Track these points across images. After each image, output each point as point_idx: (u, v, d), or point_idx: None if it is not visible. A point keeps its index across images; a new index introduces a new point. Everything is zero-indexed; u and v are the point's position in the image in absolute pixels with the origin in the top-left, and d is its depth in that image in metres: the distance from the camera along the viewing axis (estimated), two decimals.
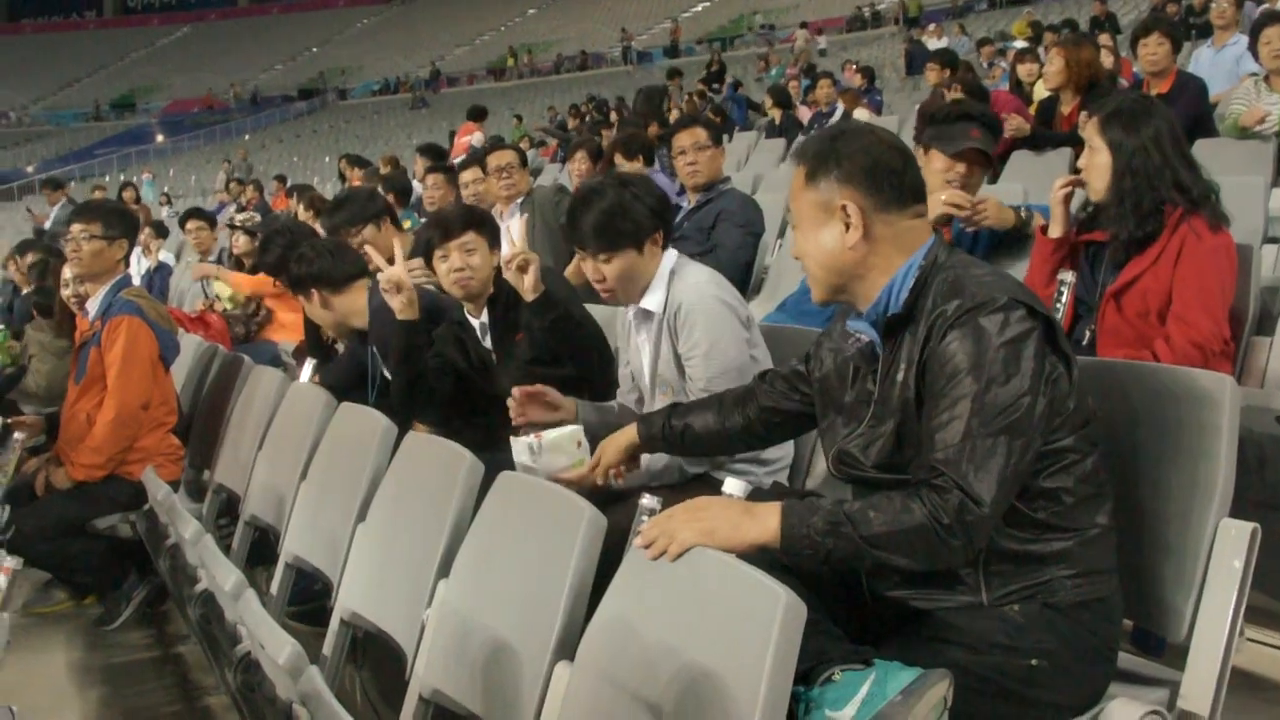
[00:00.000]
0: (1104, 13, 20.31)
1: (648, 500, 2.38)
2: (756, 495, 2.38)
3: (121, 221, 4.61)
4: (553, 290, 3.53)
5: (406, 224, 6.97)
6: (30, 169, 41.54)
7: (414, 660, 2.60)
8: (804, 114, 12.75)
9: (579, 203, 3.14)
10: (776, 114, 12.66)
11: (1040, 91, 8.64)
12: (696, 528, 1.99)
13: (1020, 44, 14.51)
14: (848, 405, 2.31)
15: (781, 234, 6.75)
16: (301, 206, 7.62)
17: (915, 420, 2.10)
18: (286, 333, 6.80)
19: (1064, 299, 3.44)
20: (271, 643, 2.43)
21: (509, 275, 3.53)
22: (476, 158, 7.01)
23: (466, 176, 6.73)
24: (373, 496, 3.10)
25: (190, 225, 8.50)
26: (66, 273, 4.94)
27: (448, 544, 2.63)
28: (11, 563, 2.81)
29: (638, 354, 3.27)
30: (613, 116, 19.95)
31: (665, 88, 16.62)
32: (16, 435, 4.02)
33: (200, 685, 4.13)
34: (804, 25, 33.44)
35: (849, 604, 2.20)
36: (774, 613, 1.68)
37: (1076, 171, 6.48)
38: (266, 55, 54.08)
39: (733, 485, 2.15)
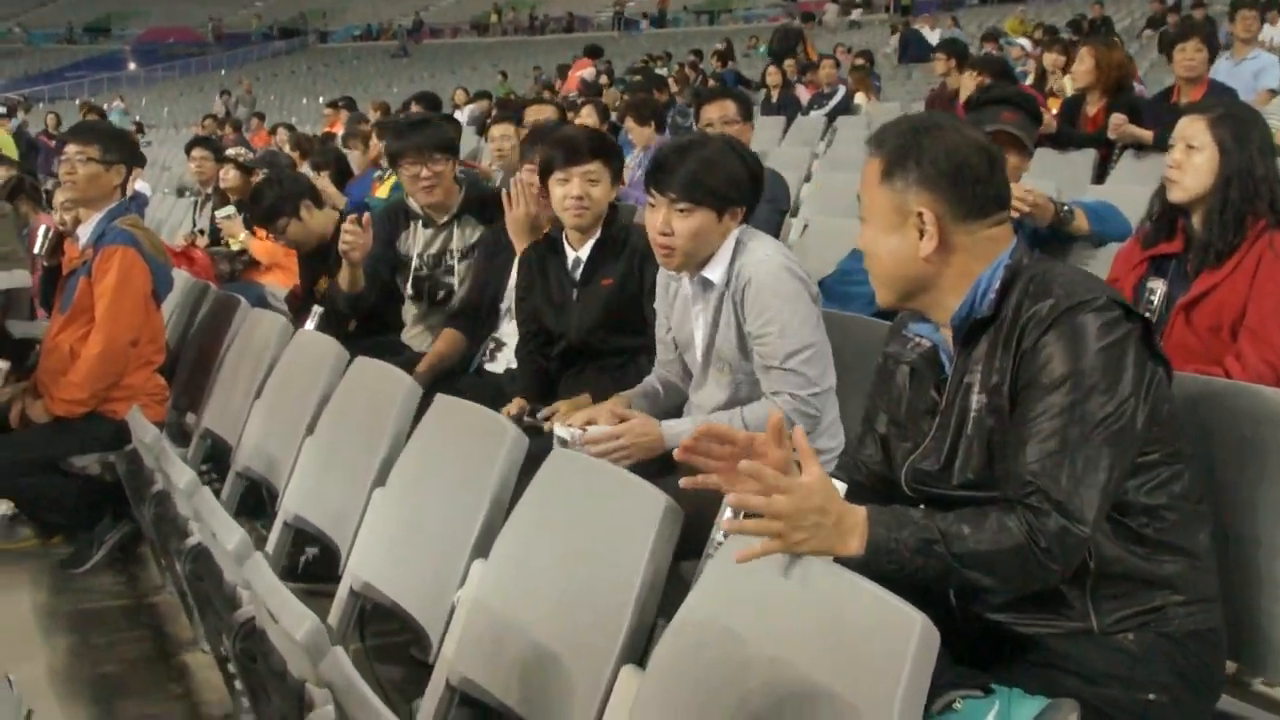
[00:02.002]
0: (1100, 15, 20.28)
1: (563, 431, 2.34)
2: None
3: (120, 145, 4.36)
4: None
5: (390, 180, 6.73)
6: None
7: (440, 644, 2.40)
8: (803, 94, 12.53)
9: (677, 147, 2.95)
10: (776, 90, 12.45)
11: (1067, 86, 8.51)
12: (795, 533, 1.76)
13: (1023, 41, 14.41)
14: (908, 416, 2.13)
15: (795, 213, 6.58)
16: (287, 147, 7.37)
17: (1006, 431, 1.92)
18: (272, 275, 6.57)
19: (1154, 309, 3.28)
20: (286, 616, 2.22)
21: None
22: (590, 91, 6.79)
23: (496, 132, 6.37)
24: (394, 460, 2.88)
25: (196, 153, 8.19)
26: (58, 196, 4.68)
27: (485, 521, 2.43)
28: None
29: (688, 325, 3.07)
30: (602, 80, 19.81)
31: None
32: (1, 364, 3.77)
33: (177, 639, 3.90)
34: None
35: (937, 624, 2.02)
36: (909, 639, 1.52)
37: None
38: None
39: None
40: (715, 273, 2.93)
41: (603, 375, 3.51)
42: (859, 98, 11.74)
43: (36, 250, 4.59)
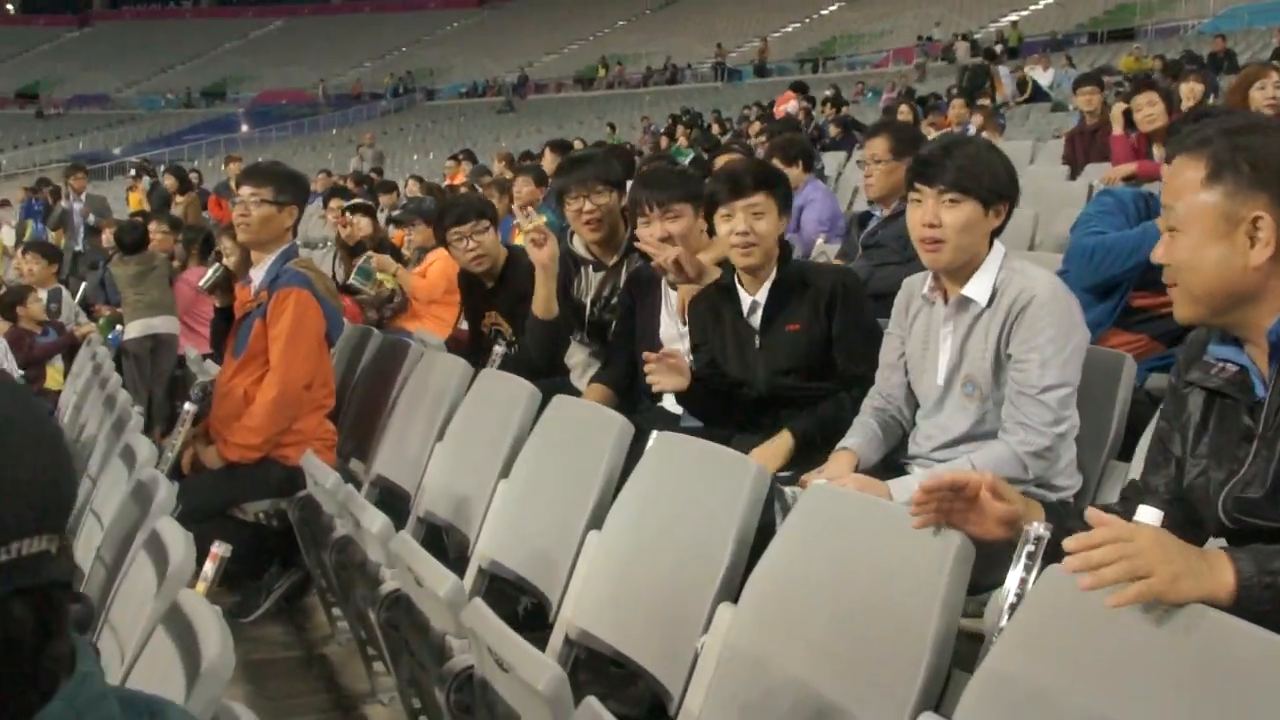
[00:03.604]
0: (1224, 49, 19.80)
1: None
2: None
3: (292, 186, 4.28)
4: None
5: (542, 218, 6.64)
6: (118, 150, 41.96)
7: (682, 698, 2.27)
8: (929, 133, 12.35)
9: (943, 144, 2.90)
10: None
11: None
12: (1170, 573, 1.59)
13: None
14: (1217, 443, 1.96)
15: None
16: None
17: None
18: (420, 322, 6.51)
19: None
20: (526, 667, 2.08)
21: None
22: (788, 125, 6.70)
23: None
24: (608, 501, 2.74)
25: (332, 205, 8.29)
26: (226, 243, 4.66)
27: (731, 563, 2.28)
28: (220, 549, 2.52)
29: (932, 347, 2.92)
30: (714, 129, 19.86)
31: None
32: (188, 406, 3.72)
33: (353, 691, 3.82)
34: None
35: None
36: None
37: None
38: (356, 52, 54.35)
39: (1147, 514, 1.77)
40: (978, 290, 2.80)
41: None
42: (988, 134, 11.52)
43: (201, 283, 4.55)
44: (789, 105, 17.56)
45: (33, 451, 1.00)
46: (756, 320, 3.42)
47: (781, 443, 3.20)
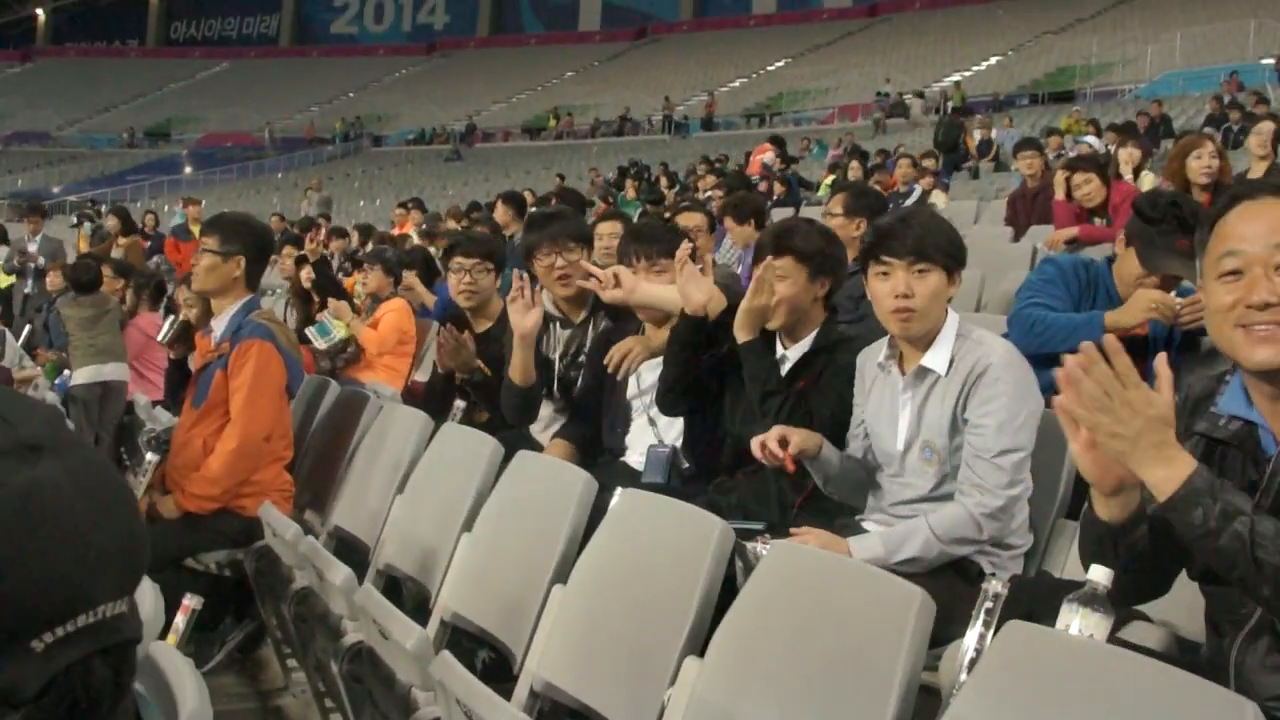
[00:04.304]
0: (1160, 114, 20.32)
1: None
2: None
3: (239, 237, 4.25)
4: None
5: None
6: (57, 189, 41.49)
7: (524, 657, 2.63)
8: None
9: (901, 217, 3.00)
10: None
11: (1149, 181, 8.48)
12: (1112, 429, 1.83)
13: (1092, 139, 14.42)
14: None
15: None
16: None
17: None
18: (374, 373, 6.54)
19: None
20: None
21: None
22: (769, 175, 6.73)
23: (604, 229, 6.20)
24: (573, 557, 2.80)
25: (286, 252, 8.30)
26: (184, 294, 4.68)
27: (697, 616, 2.34)
28: (192, 601, 2.54)
29: (890, 417, 3.03)
30: (661, 182, 20.05)
31: None
32: (150, 457, 3.73)
33: None
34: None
35: None
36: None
37: None
38: (303, 97, 54.24)
39: (1099, 572, 1.87)
40: (937, 360, 2.92)
41: (780, 476, 3.44)
42: (935, 195, 11.76)
43: (160, 337, 4.56)
44: (765, 156, 18.09)
45: (117, 518, 1.05)
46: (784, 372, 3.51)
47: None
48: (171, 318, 4.51)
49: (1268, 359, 1.94)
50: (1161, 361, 1.87)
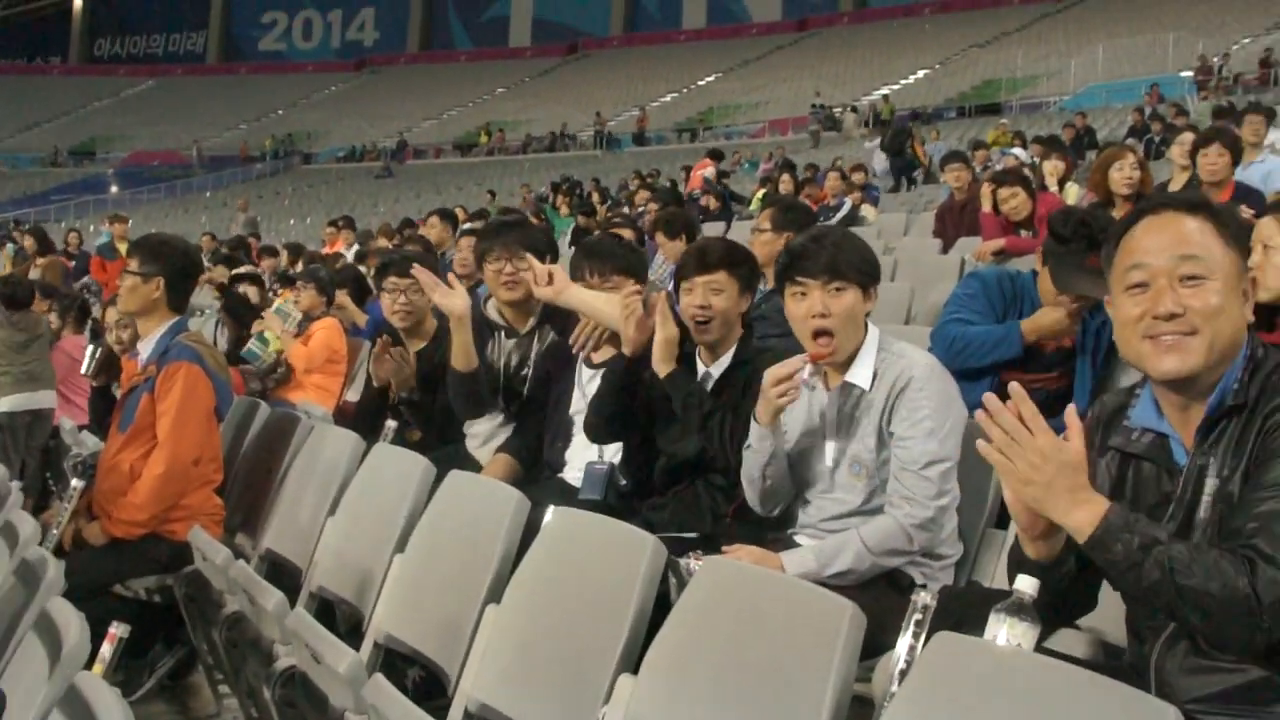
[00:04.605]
0: (1085, 125, 20.66)
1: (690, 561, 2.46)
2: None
3: (157, 259, 4.18)
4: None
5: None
6: None
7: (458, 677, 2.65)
8: None
9: (810, 236, 3.00)
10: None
11: (1074, 193, 8.64)
12: (1025, 476, 1.90)
13: (1018, 151, 14.63)
14: (1133, 506, 2.08)
15: None
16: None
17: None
18: (304, 393, 6.47)
19: None
20: None
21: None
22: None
23: (463, 243, 6.08)
24: (506, 576, 2.79)
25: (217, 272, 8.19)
26: (111, 316, 4.61)
27: (630, 635, 2.35)
28: (119, 629, 2.50)
29: (817, 434, 3.06)
30: (594, 197, 20.09)
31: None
32: (75, 483, 3.67)
33: None
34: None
35: None
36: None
37: None
38: (231, 114, 53.72)
39: (1026, 583, 1.90)
40: (860, 375, 2.94)
41: (713, 492, 3.48)
42: (864, 209, 11.89)
43: (83, 370, 4.49)
44: (707, 171, 18.21)
45: None
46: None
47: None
48: (91, 348, 4.44)
49: (1174, 368, 1.99)
50: (1071, 412, 1.93)
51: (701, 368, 3.55)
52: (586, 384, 3.96)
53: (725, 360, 3.51)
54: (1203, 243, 2.01)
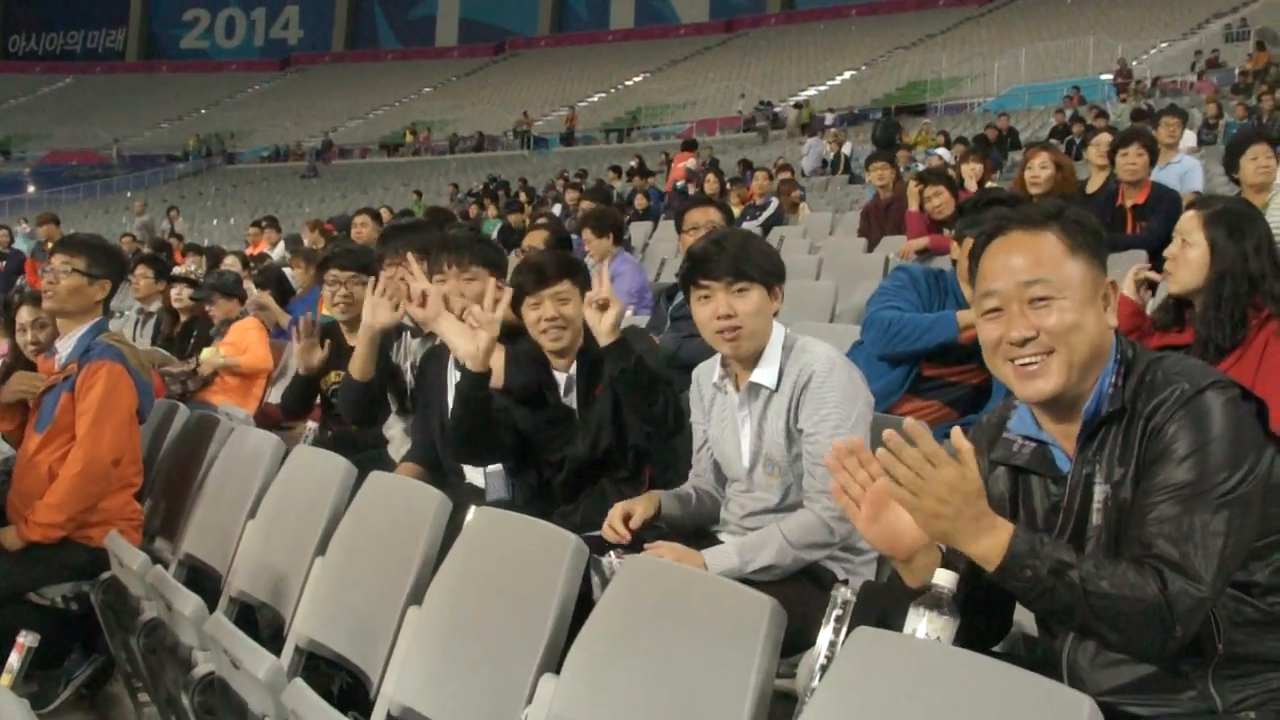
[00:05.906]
0: (1007, 127, 20.97)
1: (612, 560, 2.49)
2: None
3: (108, 261, 4.18)
4: (631, 339, 3.37)
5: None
6: None
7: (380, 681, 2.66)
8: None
9: (711, 239, 3.03)
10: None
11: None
12: (934, 510, 1.85)
13: (942, 151, 14.82)
14: (1030, 521, 2.11)
15: None
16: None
17: (1130, 515, 1.94)
18: (227, 396, 6.37)
19: None
20: None
21: (587, 313, 3.36)
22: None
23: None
24: (427, 578, 2.77)
25: (139, 271, 7.99)
26: (25, 315, 4.51)
27: (551, 636, 2.34)
28: (27, 639, 2.44)
29: (732, 435, 3.07)
30: (521, 197, 20.07)
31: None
32: None
33: None
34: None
35: None
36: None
37: None
38: (152, 113, 52.90)
39: (944, 576, 1.92)
40: (766, 375, 2.97)
41: (619, 486, 3.47)
42: (803, 208, 11.98)
43: None
44: (689, 162, 18.90)
45: None
46: (573, 399, 3.61)
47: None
48: None
49: (1038, 391, 2.01)
50: (958, 434, 1.90)
51: (560, 375, 3.64)
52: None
53: (572, 365, 3.63)
54: (1050, 259, 2.00)
